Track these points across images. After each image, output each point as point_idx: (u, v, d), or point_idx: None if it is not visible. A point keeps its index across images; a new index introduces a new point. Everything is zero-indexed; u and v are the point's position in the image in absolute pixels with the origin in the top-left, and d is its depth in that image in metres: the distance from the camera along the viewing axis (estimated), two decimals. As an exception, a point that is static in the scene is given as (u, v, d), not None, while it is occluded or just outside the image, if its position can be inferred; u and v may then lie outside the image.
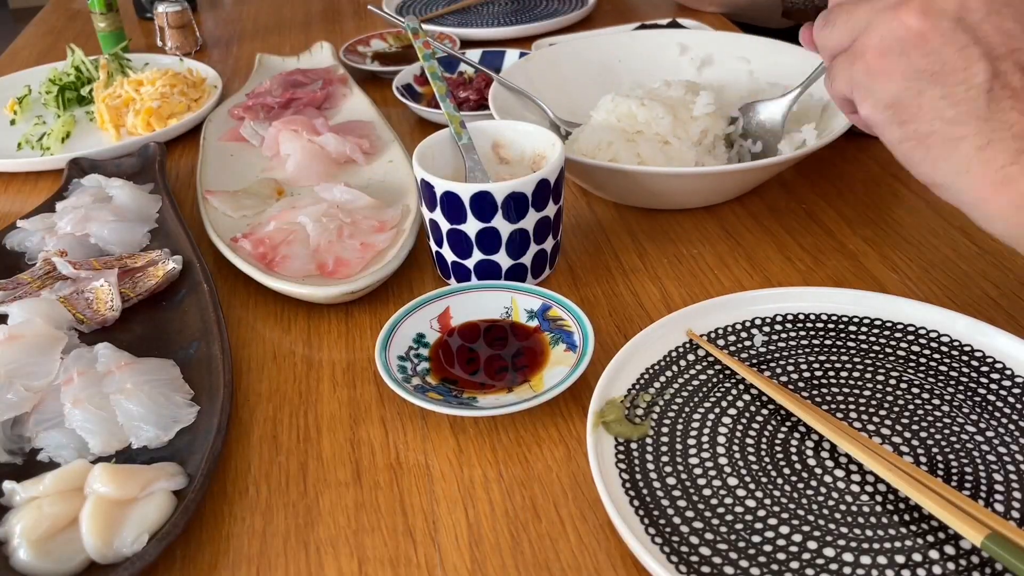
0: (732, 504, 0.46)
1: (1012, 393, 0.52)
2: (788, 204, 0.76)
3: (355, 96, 0.99)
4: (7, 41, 1.39)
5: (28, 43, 1.36)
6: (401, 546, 0.48)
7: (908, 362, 0.55)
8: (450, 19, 1.27)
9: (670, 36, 0.93)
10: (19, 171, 0.92)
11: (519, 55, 1.04)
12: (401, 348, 0.59)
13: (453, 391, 0.56)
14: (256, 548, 0.48)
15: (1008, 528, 0.41)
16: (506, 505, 0.50)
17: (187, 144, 0.96)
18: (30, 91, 1.07)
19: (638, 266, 0.69)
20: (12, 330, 0.58)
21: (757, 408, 0.52)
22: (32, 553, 0.45)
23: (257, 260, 0.68)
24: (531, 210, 0.62)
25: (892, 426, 0.50)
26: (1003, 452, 0.48)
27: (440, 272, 0.68)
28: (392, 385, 0.54)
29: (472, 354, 0.59)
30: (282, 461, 0.54)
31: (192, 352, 0.60)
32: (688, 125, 0.75)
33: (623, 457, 0.49)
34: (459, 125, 0.69)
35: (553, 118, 0.83)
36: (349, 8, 1.42)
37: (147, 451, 0.53)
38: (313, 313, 0.66)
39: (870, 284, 0.65)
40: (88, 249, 0.72)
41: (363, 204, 0.73)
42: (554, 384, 0.54)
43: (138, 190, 0.79)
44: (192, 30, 1.25)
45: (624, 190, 0.75)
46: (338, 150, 0.84)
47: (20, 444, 0.54)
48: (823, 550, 0.44)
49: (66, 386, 0.56)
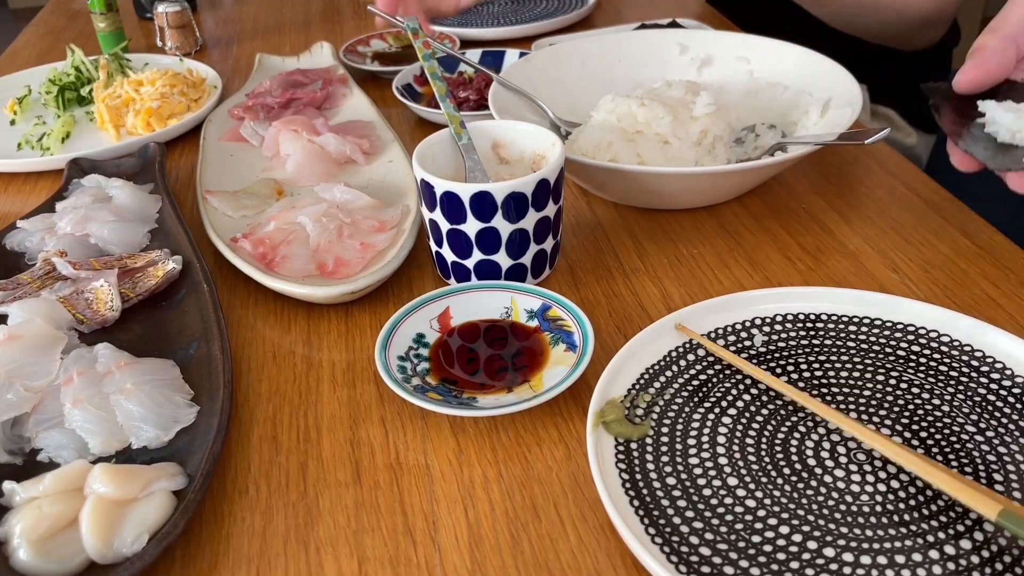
0: (732, 504, 0.46)
1: (1012, 393, 0.52)
2: (788, 204, 0.76)
3: (355, 96, 0.99)
4: (7, 41, 1.39)
5: (28, 43, 1.36)
6: (401, 546, 0.48)
7: (908, 362, 0.55)
8: (450, 19, 1.27)
9: (670, 36, 0.93)
10: (19, 171, 0.92)
11: (519, 55, 1.04)
12: (401, 348, 0.59)
13: (453, 391, 0.56)
14: (256, 548, 0.48)
15: (1017, 508, 0.42)
16: (506, 505, 0.50)
17: (187, 144, 0.96)
18: (30, 91, 1.07)
19: (638, 266, 0.69)
20: (12, 330, 0.58)
21: (757, 408, 0.52)
22: (32, 553, 0.45)
23: (257, 260, 0.68)
24: (531, 210, 0.62)
25: (892, 426, 0.50)
26: (1003, 452, 0.48)
27: (440, 272, 0.68)
28: (392, 385, 0.54)
29: (472, 354, 0.59)
30: (282, 461, 0.54)
31: (192, 352, 0.60)
32: (688, 125, 0.75)
33: (623, 457, 0.49)
34: (459, 125, 0.69)
35: (553, 118, 0.83)
36: (349, 8, 1.42)
37: (147, 451, 0.53)
38: (313, 313, 0.66)
39: (870, 284, 0.65)
40: (88, 249, 0.72)
41: (363, 204, 0.73)
42: (554, 384, 0.54)
43: (138, 190, 0.79)
44: (192, 30, 1.25)
45: (624, 190, 0.75)
46: (338, 150, 0.84)
47: (20, 444, 0.54)
48: (823, 550, 0.44)
49: (66, 386, 0.56)
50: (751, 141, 0.79)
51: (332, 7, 1.43)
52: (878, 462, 0.48)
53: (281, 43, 1.27)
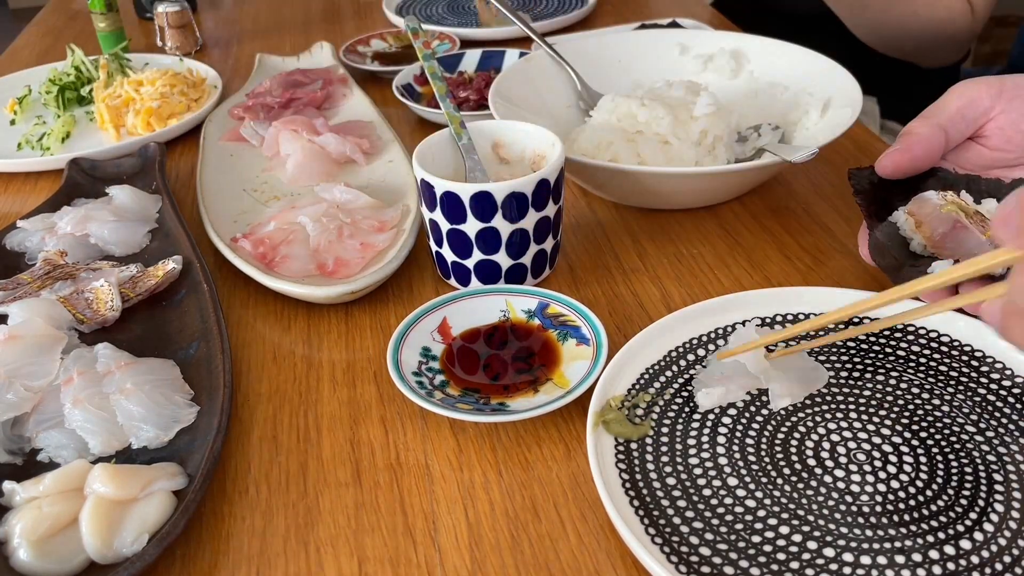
0: (732, 504, 0.46)
1: (1012, 393, 0.52)
2: (788, 204, 0.76)
3: (355, 96, 0.99)
4: (7, 41, 1.39)
5: (28, 43, 1.36)
6: (401, 546, 0.48)
7: (908, 362, 0.55)
8: (450, 19, 1.27)
9: (670, 36, 0.93)
10: (19, 171, 0.92)
11: (519, 55, 1.04)
12: (412, 365, 0.58)
13: (480, 399, 0.56)
14: (256, 548, 0.48)
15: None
16: (506, 505, 0.50)
17: (187, 144, 0.96)
18: (30, 91, 1.07)
19: (638, 266, 0.69)
20: (12, 330, 0.58)
21: (757, 408, 0.52)
22: (32, 553, 0.45)
23: (257, 260, 0.68)
24: (531, 210, 0.62)
25: (892, 426, 0.50)
26: (1003, 452, 0.48)
27: (440, 272, 0.68)
28: (424, 403, 0.53)
29: (487, 360, 0.59)
30: (282, 461, 0.54)
31: (192, 352, 0.60)
32: (688, 125, 0.75)
33: (623, 457, 0.49)
34: (459, 125, 0.69)
35: (580, 89, 0.86)
36: (349, 8, 1.42)
37: (147, 451, 0.53)
38: (313, 313, 0.66)
39: (870, 284, 0.65)
40: (88, 249, 0.73)
41: (363, 204, 0.73)
42: (583, 377, 0.54)
43: (138, 190, 0.79)
44: (192, 30, 1.25)
45: (624, 190, 0.75)
46: (338, 150, 0.84)
47: (20, 444, 0.54)
48: (823, 550, 0.44)
49: (66, 386, 0.56)
50: (753, 140, 0.79)
51: (332, 7, 1.43)
52: (878, 462, 0.48)
53: (281, 43, 1.27)
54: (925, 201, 0.58)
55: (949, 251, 0.56)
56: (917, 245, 0.57)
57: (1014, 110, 0.59)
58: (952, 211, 0.56)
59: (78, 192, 0.82)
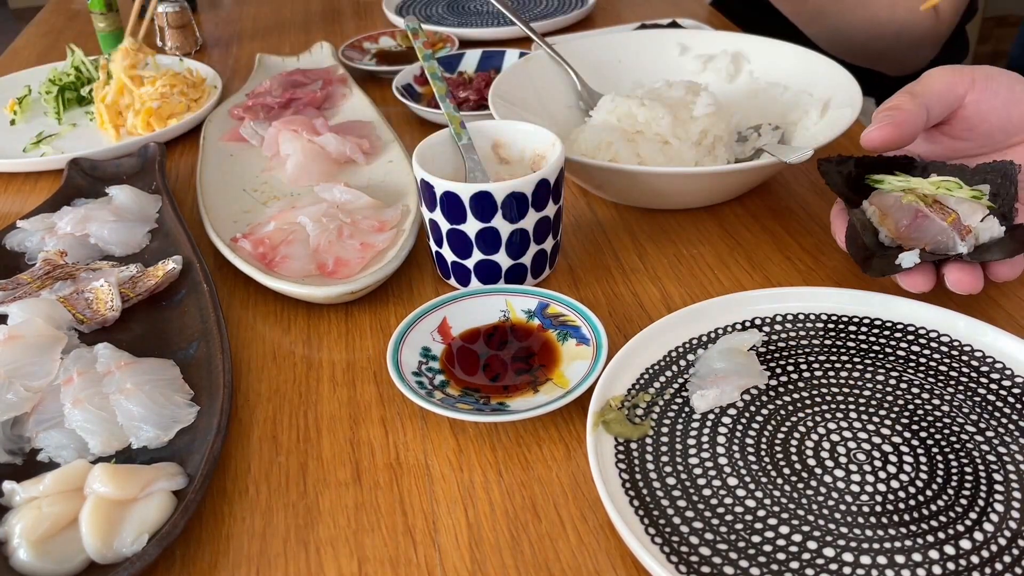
0: (732, 504, 0.46)
1: (1012, 393, 0.52)
2: (788, 204, 0.76)
3: (355, 96, 0.99)
4: (7, 41, 1.39)
5: (28, 43, 1.36)
6: (401, 546, 0.48)
7: (908, 362, 0.55)
8: (450, 19, 1.27)
9: (670, 36, 0.93)
10: (19, 171, 0.92)
11: (519, 55, 1.04)
12: (412, 365, 0.58)
13: (480, 399, 0.56)
14: (256, 548, 0.48)
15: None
16: (506, 505, 0.50)
17: (187, 144, 0.96)
18: (30, 91, 1.07)
19: (638, 266, 0.69)
20: (12, 330, 0.58)
21: (757, 408, 0.53)
22: (32, 553, 0.45)
23: (257, 260, 0.68)
24: (531, 210, 0.62)
25: (892, 426, 0.51)
26: (1003, 452, 0.48)
27: (440, 272, 0.68)
28: (426, 404, 0.53)
29: (487, 360, 0.59)
30: (282, 461, 0.54)
31: (192, 352, 0.60)
32: (688, 125, 0.75)
33: (623, 457, 0.49)
34: (459, 125, 0.69)
35: (580, 89, 0.86)
36: (349, 8, 1.42)
37: (147, 451, 0.53)
38: (313, 313, 0.66)
39: (870, 284, 0.65)
40: (88, 249, 0.73)
41: (363, 204, 0.73)
42: (583, 377, 0.54)
43: (138, 190, 0.79)
44: (192, 30, 1.25)
45: (624, 190, 0.75)
46: (338, 150, 0.84)
47: (20, 444, 0.54)
48: (823, 550, 0.44)
49: (66, 386, 0.56)
50: (753, 140, 0.79)
51: (332, 7, 1.43)
52: (878, 462, 0.48)
53: (281, 43, 1.27)
54: (886, 194, 0.60)
55: (914, 240, 0.57)
56: (884, 236, 0.59)
57: (984, 101, 0.61)
58: (912, 201, 0.58)
59: (78, 192, 0.82)
